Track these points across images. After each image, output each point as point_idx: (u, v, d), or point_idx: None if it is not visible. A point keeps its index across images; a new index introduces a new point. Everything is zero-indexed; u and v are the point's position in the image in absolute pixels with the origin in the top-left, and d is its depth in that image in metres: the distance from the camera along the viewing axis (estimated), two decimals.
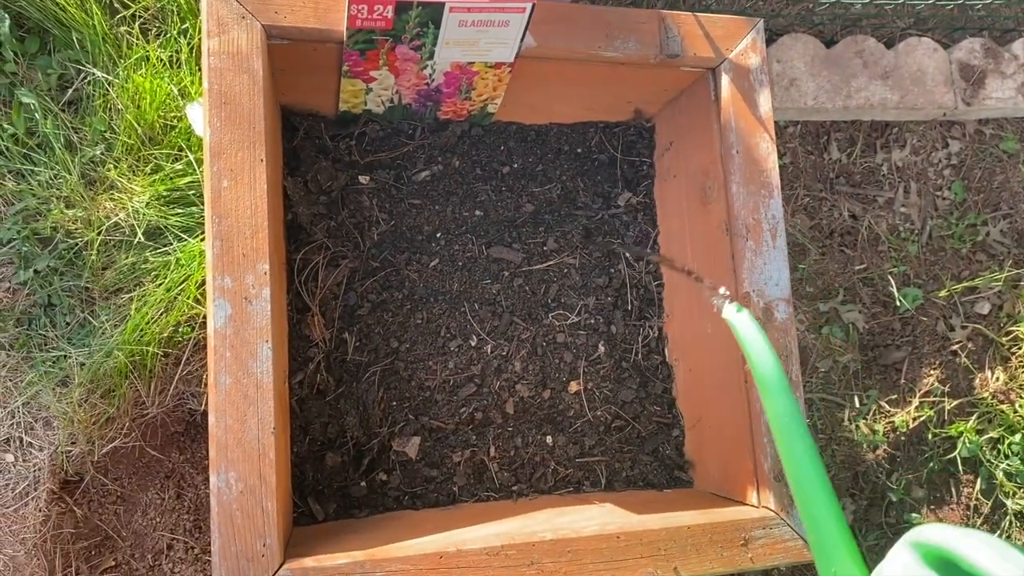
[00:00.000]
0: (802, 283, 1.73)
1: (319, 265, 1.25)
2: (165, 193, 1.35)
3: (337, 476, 1.21)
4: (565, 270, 1.38)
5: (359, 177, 1.30)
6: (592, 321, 1.38)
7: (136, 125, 1.35)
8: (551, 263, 1.38)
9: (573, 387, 1.35)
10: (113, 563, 1.31)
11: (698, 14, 1.22)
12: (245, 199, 0.99)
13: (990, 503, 1.73)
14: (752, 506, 1.18)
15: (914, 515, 1.69)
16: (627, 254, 1.35)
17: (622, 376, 1.38)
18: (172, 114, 1.37)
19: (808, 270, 1.73)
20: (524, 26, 1.10)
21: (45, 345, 1.33)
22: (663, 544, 1.07)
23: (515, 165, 1.39)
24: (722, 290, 1.04)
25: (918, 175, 1.83)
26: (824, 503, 0.88)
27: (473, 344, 1.31)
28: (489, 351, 1.31)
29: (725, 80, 1.23)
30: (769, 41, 1.73)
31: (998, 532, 1.72)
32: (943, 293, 1.79)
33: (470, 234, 1.35)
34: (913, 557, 0.72)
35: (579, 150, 1.43)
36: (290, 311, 1.22)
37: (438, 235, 1.33)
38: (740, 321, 0.99)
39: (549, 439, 1.31)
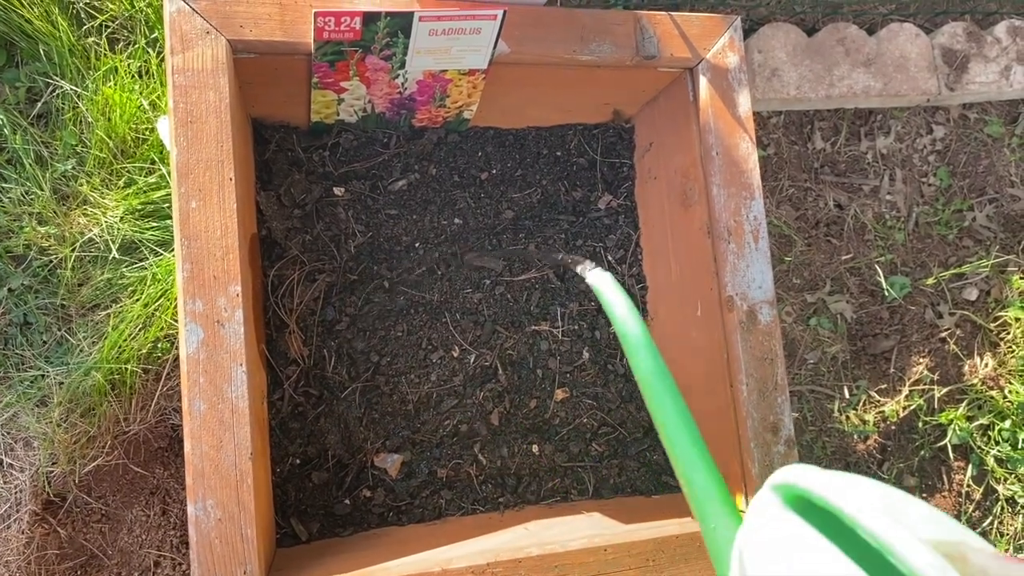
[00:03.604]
0: (788, 275, 1.72)
1: (295, 280, 1.23)
2: (139, 207, 1.33)
3: (320, 494, 1.19)
4: (547, 276, 1.37)
5: (334, 188, 1.28)
6: (576, 327, 1.36)
7: (107, 138, 1.33)
8: (533, 269, 1.36)
9: (559, 395, 1.33)
10: None
11: (673, 14, 1.20)
12: (215, 219, 0.97)
13: (981, 489, 1.73)
14: (741, 512, 1.17)
15: None
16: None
17: (608, 381, 1.36)
18: (144, 126, 1.35)
19: (794, 261, 1.72)
20: (496, 33, 1.07)
21: (22, 365, 1.31)
22: (652, 555, 1.06)
23: (493, 171, 1.37)
24: (587, 263, 1.02)
25: (903, 162, 1.82)
26: (697, 458, 0.86)
27: (455, 355, 1.29)
28: (472, 361, 1.29)
29: (703, 81, 1.21)
30: (750, 31, 1.70)
31: (990, 518, 1.72)
32: (930, 280, 1.78)
33: (450, 243, 1.33)
34: (775, 499, 0.70)
35: (558, 153, 1.41)
36: (267, 329, 1.21)
37: (417, 245, 1.31)
38: (603, 282, 0.97)
39: (535, 448, 1.30)
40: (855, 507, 0.61)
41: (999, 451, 1.72)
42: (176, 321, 1.29)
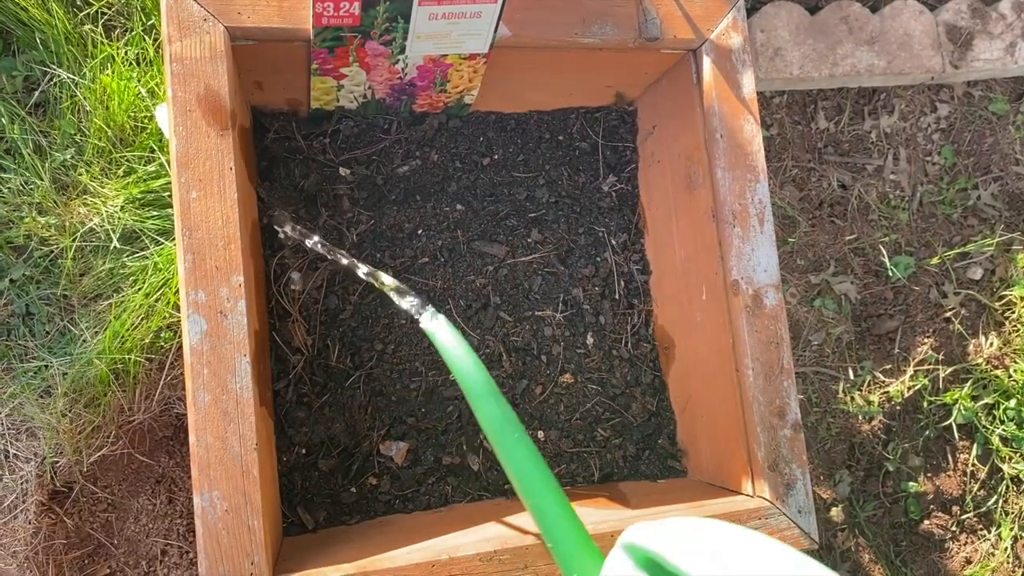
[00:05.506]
0: (792, 256, 1.71)
1: (298, 269, 1.22)
2: (139, 196, 1.32)
3: (326, 483, 1.19)
4: (550, 261, 1.36)
5: (335, 175, 1.27)
6: (580, 312, 1.36)
7: (106, 127, 1.32)
8: (536, 255, 1.35)
9: (564, 380, 1.33)
10: (107, 571, 1.31)
11: None
12: (216, 209, 0.97)
13: (987, 468, 1.73)
14: (747, 495, 1.17)
15: (911, 484, 1.69)
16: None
17: (612, 367, 1.36)
18: (142, 115, 1.34)
19: (798, 242, 1.71)
20: (497, 16, 1.06)
21: (25, 355, 1.31)
22: None
23: (495, 156, 1.36)
24: (412, 299, 1.02)
25: (907, 141, 1.81)
26: (553, 504, 0.87)
27: None
28: (476, 348, 1.29)
29: (706, 62, 1.19)
30: (752, 10, 1.69)
31: (995, 497, 1.72)
32: (935, 260, 1.77)
33: (452, 229, 1.32)
34: (627, 560, 0.72)
35: (560, 137, 1.40)
36: (270, 318, 1.20)
37: (419, 231, 1.30)
38: (438, 328, 0.97)
39: (541, 434, 1.29)
40: (680, 558, 0.62)
41: (1004, 430, 1.72)
42: (178, 310, 1.29)
